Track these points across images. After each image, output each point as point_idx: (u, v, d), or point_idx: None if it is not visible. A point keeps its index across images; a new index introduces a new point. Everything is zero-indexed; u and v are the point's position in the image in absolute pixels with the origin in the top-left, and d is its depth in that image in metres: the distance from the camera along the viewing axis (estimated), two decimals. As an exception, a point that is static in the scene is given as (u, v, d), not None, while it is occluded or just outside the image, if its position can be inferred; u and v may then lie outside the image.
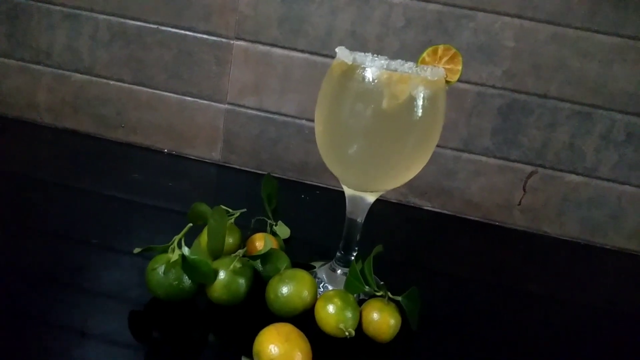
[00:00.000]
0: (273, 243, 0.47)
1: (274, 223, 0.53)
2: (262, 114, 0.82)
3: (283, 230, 0.56)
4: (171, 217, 0.64)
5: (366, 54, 0.41)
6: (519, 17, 0.73)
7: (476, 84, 0.76)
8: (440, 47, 0.42)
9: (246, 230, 0.53)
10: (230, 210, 0.51)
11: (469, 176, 0.79)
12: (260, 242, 0.49)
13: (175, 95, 0.83)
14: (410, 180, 0.82)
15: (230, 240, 0.48)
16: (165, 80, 0.83)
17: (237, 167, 0.85)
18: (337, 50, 0.44)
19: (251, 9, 0.78)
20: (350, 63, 0.41)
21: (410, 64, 0.40)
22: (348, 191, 0.47)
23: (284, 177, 0.84)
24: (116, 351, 0.39)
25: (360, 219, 0.48)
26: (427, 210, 0.82)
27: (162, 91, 0.83)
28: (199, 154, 0.85)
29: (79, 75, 0.85)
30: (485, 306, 0.58)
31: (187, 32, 0.80)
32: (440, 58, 0.42)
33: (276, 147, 0.83)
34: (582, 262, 0.76)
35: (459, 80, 0.44)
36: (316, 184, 0.84)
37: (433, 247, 0.72)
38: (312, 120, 0.80)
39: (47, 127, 0.88)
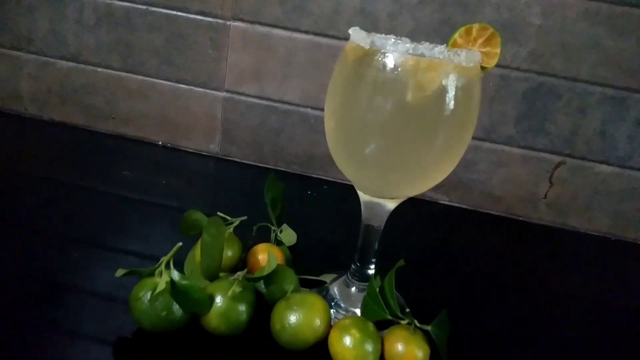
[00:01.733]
0: (278, 257, 0.41)
1: (279, 230, 0.47)
2: (263, 102, 0.75)
3: (288, 236, 0.50)
4: (166, 216, 0.58)
5: (387, 36, 0.34)
6: (548, -10, 0.65)
7: (499, 66, 0.69)
8: (475, 27, 0.35)
9: (247, 239, 0.47)
10: (228, 218, 0.45)
11: (490, 167, 0.73)
12: (264, 255, 0.43)
13: (169, 83, 0.77)
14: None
15: (229, 253, 0.42)
16: (157, 67, 0.76)
17: (237, 160, 0.78)
18: (350, 32, 0.37)
19: (249, -14, 0.70)
20: (367, 47, 0.34)
21: (440, 47, 0.33)
22: (364, 197, 0.41)
23: (288, 170, 0.78)
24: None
25: (379, 225, 0.42)
26: (444, 204, 0.76)
27: (154, 78, 0.77)
28: (196, 146, 0.79)
29: (64, 62, 0.78)
30: (514, 311, 0.52)
31: (179, 13, 0.73)
32: (475, 39, 0.35)
33: (279, 137, 0.76)
34: (613, 258, 0.70)
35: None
36: (323, 177, 0.77)
37: (451, 244, 0.66)
38: (318, 109, 0.74)
39: (33, 118, 0.81)
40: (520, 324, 0.50)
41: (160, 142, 0.80)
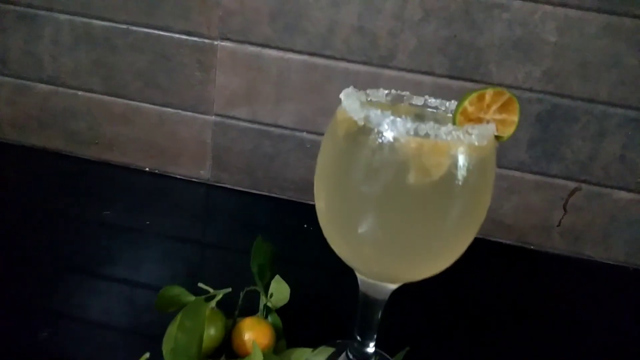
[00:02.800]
0: (264, 340, 0.36)
1: (268, 298, 0.42)
2: (256, 126, 0.70)
3: (280, 293, 0.45)
4: (153, 249, 0.54)
5: (383, 94, 0.29)
6: (563, 5, 0.59)
7: (511, 86, 0.63)
8: (489, 92, 0.30)
9: (233, 306, 0.42)
10: (210, 290, 0.41)
11: (501, 194, 0.68)
12: (250, 334, 0.38)
13: (154, 107, 0.71)
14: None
15: (211, 331, 0.38)
16: (141, 90, 0.71)
17: (229, 186, 0.74)
18: (342, 97, 0.32)
19: (237, 3, 0.65)
20: (361, 124, 0.29)
21: (448, 127, 0.28)
22: (361, 276, 0.36)
23: (282, 197, 0.73)
24: None
25: (382, 298, 0.37)
26: (451, 232, 0.71)
27: (139, 102, 0.71)
28: (186, 172, 0.74)
29: (42, 86, 0.73)
30: (527, 344, 0.49)
31: (162, 33, 0.67)
32: (489, 106, 0.30)
33: (273, 163, 0.71)
34: (631, 288, 0.65)
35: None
36: (321, 205, 0.72)
37: (459, 274, 0.61)
38: (314, 133, 0.69)
39: (12, 144, 0.77)
40: (534, 358, 0.47)
41: (147, 168, 0.75)
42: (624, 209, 0.66)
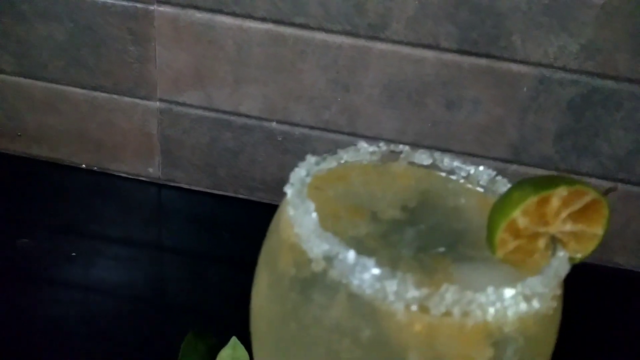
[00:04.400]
0: None
1: None
2: (212, 114, 0.56)
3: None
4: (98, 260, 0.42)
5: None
6: (618, -47, 0.44)
7: (538, 64, 0.49)
8: (559, 193, 0.17)
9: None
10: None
11: (516, 196, 0.55)
12: None
13: (82, 91, 0.56)
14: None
15: None
16: (64, 69, 0.55)
17: (185, 186, 0.60)
18: (287, 191, 0.18)
19: (174, -46, 0.48)
20: (320, 268, 0.15)
21: (489, 293, 0.15)
22: None
23: (251, 198, 0.60)
24: None
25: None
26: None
27: (62, 85, 0.56)
28: (131, 169, 0.60)
29: (-63, 64, 0.57)
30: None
31: (80, -4, 0.51)
32: (557, 214, 0.17)
33: (237, 159, 0.58)
34: None
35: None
36: (298, 207, 0.60)
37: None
38: (286, 123, 0.55)
39: None
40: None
41: (83, 165, 0.61)
42: (667, 212, 0.54)
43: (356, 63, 0.51)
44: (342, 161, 0.22)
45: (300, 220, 0.17)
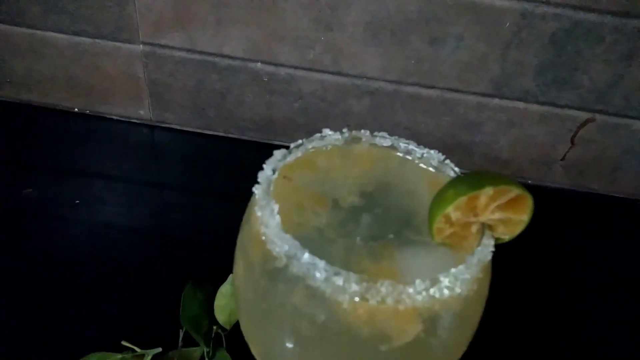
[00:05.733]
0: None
1: (209, 350, 0.35)
2: (196, 56, 0.56)
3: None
4: (103, 195, 0.46)
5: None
6: None
7: (520, -1, 0.48)
8: (486, 193, 0.19)
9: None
10: (137, 349, 0.34)
11: (498, 128, 0.57)
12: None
13: (64, 36, 0.56)
14: (416, 135, 0.60)
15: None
16: (43, 15, 0.55)
17: (177, 127, 0.62)
18: (255, 191, 0.20)
19: None
20: (282, 264, 0.18)
21: (417, 284, 0.17)
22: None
23: (243, 137, 0.62)
24: None
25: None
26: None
27: (43, 31, 0.56)
28: (122, 112, 0.62)
29: None
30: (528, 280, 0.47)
31: (49, -61, 0.49)
32: (486, 206, 0.19)
33: (225, 100, 0.59)
34: (636, 220, 0.60)
35: None
36: (287, 144, 0.62)
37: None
38: (271, 63, 0.55)
39: None
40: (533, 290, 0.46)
41: (75, 109, 0.62)
42: (641, 140, 0.56)
43: (338, 1, 0.50)
44: (309, 149, 0.24)
45: (266, 221, 0.19)
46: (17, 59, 0.58)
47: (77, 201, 0.51)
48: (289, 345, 0.20)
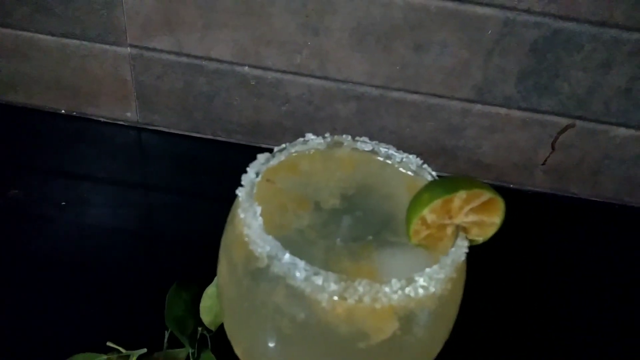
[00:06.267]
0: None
1: (194, 352, 0.36)
2: (184, 59, 0.56)
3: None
4: (92, 197, 0.46)
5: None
6: None
7: (503, 7, 0.49)
8: (459, 196, 0.20)
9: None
10: (122, 350, 0.34)
11: (481, 133, 0.58)
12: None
13: (52, 38, 0.56)
14: (400, 139, 0.60)
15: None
16: (30, 16, 0.55)
17: (164, 129, 0.62)
18: (238, 195, 0.21)
19: None
20: (264, 264, 0.19)
21: (393, 284, 0.18)
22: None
23: (230, 140, 0.62)
24: None
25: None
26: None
27: (31, 32, 0.56)
28: (109, 114, 0.62)
29: None
30: (512, 283, 0.48)
31: (37, -59, 0.49)
32: (460, 208, 0.20)
33: (212, 103, 0.59)
34: (617, 223, 0.61)
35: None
36: (273, 146, 0.62)
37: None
38: (259, 67, 0.56)
39: None
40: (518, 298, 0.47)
41: (62, 110, 0.62)
42: (620, 146, 0.58)
43: (325, 7, 0.51)
44: (292, 153, 0.25)
45: (249, 222, 0.20)
46: (4, 60, 0.58)
47: (63, 203, 0.51)
48: (271, 343, 0.20)
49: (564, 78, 0.53)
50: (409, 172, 0.25)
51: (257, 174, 0.23)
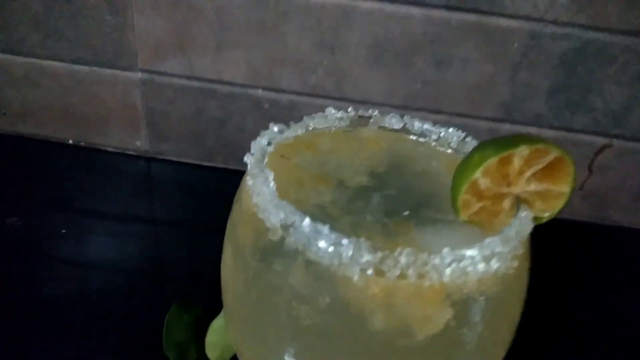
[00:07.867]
0: None
1: None
2: (196, 83, 0.54)
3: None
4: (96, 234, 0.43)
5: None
6: None
7: (528, 18, 0.47)
8: (521, 152, 0.16)
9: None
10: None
11: (509, 155, 0.54)
12: None
13: (62, 64, 0.55)
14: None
15: None
16: (42, 43, 0.54)
17: (174, 158, 0.60)
18: (246, 160, 0.17)
19: None
20: (277, 237, 0.15)
21: (445, 255, 0.14)
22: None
23: (242, 169, 0.59)
24: None
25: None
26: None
27: (42, 59, 0.55)
28: (118, 143, 0.60)
29: None
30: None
31: (51, -36, 0.49)
32: (520, 173, 0.16)
33: (224, 129, 0.57)
34: None
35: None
36: (288, 175, 0.59)
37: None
38: (272, 89, 0.54)
39: None
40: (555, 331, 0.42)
41: (70, 141, 0.60)
42: (663, 166, 0.53)
43: (340, 23, 0.49)
44: (309, 128, 0.21)
45: (258, 189, 0.16)
46: (14, 89, 0.57)
47: (65, 232, 0.48)
48: (285, 344, 0.16)
49: (597, 93, 0.50)
50: (449, 150, 0.21)
51: (270, 143, 0.19)
